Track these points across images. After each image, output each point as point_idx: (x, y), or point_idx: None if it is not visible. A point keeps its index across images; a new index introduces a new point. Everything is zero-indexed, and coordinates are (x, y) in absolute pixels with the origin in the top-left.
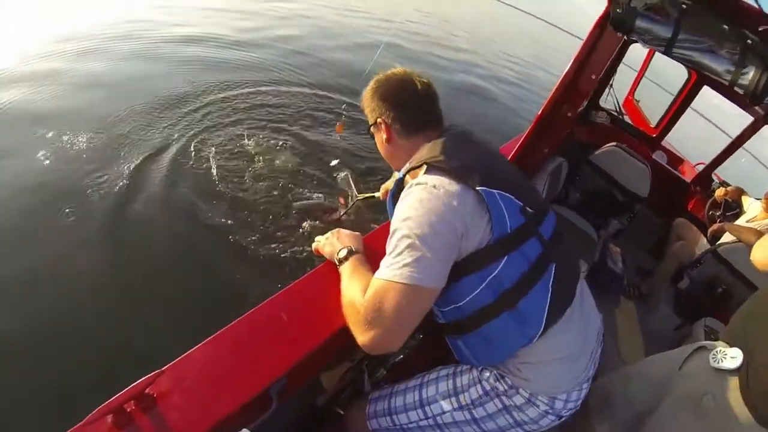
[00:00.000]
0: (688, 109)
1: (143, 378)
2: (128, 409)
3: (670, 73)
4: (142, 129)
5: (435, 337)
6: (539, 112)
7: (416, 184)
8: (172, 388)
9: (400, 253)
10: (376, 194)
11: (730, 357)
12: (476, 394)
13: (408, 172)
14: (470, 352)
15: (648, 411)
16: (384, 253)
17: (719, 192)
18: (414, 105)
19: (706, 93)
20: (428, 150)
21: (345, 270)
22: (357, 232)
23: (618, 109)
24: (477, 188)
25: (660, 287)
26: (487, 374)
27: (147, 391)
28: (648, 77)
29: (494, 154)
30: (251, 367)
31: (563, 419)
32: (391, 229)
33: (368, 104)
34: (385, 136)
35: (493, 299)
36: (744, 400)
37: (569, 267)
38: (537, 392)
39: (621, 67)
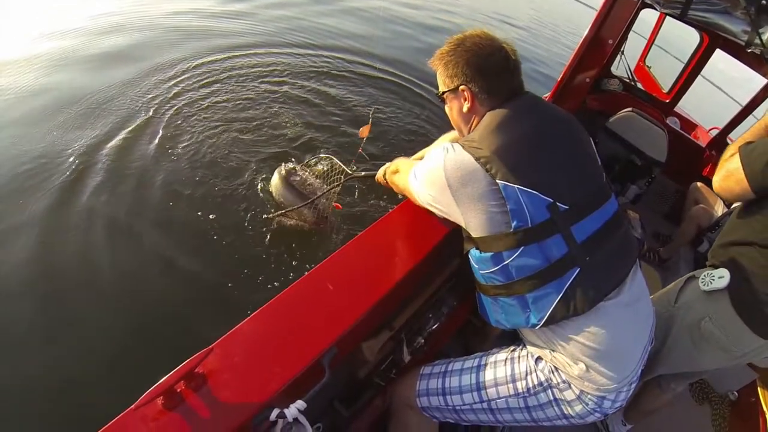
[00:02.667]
0: (699, 77)
1: (192, 357)
2: (179, 390)
3: (679, 40)
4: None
5: (465, 305)
6: (559, 78)
7: (446, 147)
8: (223, 365)
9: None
10: (374, 173)
11: (718, 277)
12: (531, 383)
13: None
14: (487, 311)
15: (656, 350)
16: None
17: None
18: (504, 75)
19: (713, 60)
20: (480, 124)
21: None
22: None
23: (630, 76)
24: (498, 181)
25: (680, 251)
26: (542, 364)
27: (197, 370)
28: (657, 45)
29: (553, 130)
30: (301, 338)
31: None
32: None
33: (450, 68)
34: (468, 105)
35: (503, 282)
36: (739, 315)
37: (606, 272)
38: (587, 390)
39: (630, 35)
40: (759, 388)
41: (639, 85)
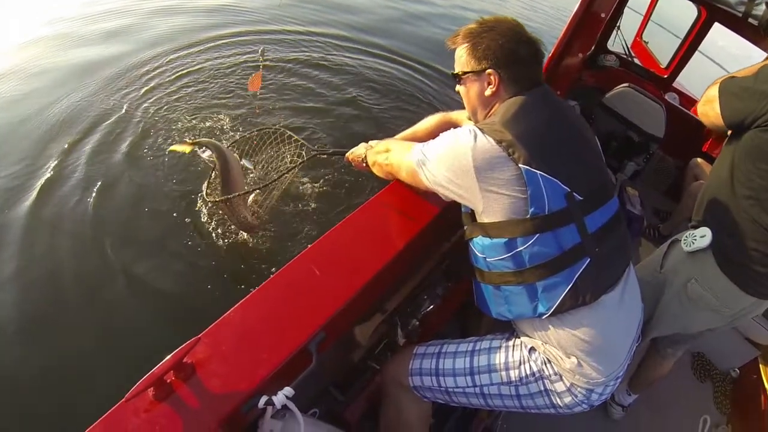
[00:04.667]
0: (697, 53)
1: (180, 347)
2: (168, 380)
3: (677, 14)
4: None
5: (461, 286)
6: (549, 54)
7: (469, 128)
8: (211, 354)
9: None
10: (344, 151)
11: (700, 236)
12: (524, 373)
13: None
14: (487, 301)
15: (648, 316)
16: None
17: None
18: (532, 65)
19: (712, 36)
20: (499, 111)
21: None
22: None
23: (627, 52)
24: (520, 165)
25: (680, 227)
26: (535, 355)
27: (185, 360)
28: (653, 21)
29: (565, 123)
30: (288, 324)
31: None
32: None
33: (480, 50)
34: (492, 90)
35: (513, 270)
36: (724, 273)
37: (610, 266)
38: (577, 383)
39: (626, 12)
40: (761, 365)
41: (636, 61)
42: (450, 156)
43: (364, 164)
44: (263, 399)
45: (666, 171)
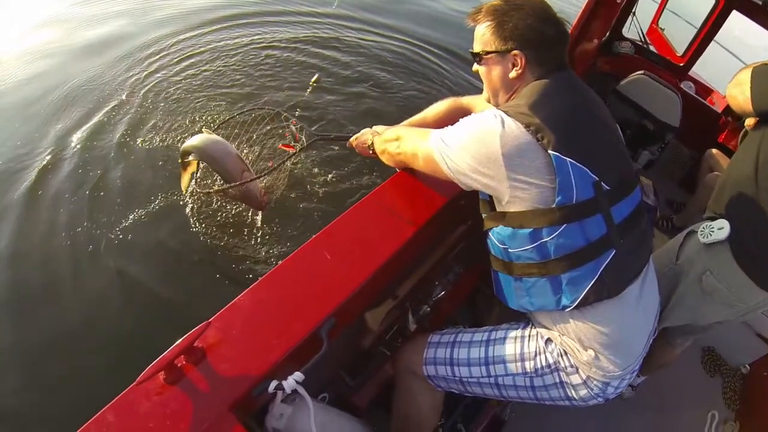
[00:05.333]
0: (717, 44)
1: (191, 331)
2: (179, 364)
3: (692, 2)
4: None
5: (472, 272)
6: None
7: (494, 112)
8: (222, 338)
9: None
10: (347, 136)
11: (718, 228)
12: (539, 365)
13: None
14: (507, 292)
15: (661, 307)
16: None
17: (749, 122)
18: (558, 47)
19: (728, 25)
20: (524, 94)
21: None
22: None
23: (642, 38)
24: (549, 152)
25: (694, 219)
26: (551, 346)
27: (196, 344)
28: (669, 8)
29: (590, 109)
30: (299, 309)
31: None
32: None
33: (506, 29)
34: (518, 71)
35: (537, 261)
36: (741, 267)
37: (633, 258)
38: (593, 376)
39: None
40: None
41: (652, 48)
42: (475, 143)
43: (371, 151)
44: (273, 383)
45: (681, 161)
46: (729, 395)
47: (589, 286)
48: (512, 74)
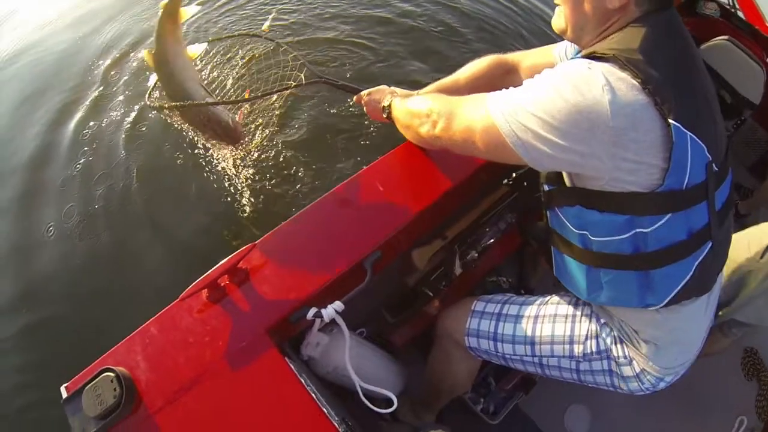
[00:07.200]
0: None
1: (236, 252)
2: (222, 284)
3: None
4: None
5: (525, 222)
6: None
7: (588, 62)
8: (265, 261)
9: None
10: (359, 89)
11: None
12: (589, 349)
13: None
14: (577, 282)
15: (727, 299)
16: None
17: None
18: None
19: None
20: (622, 37)
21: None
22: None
23: (731, 1)
24: (670, 120)
25: (760, 208)
26: (606, 332)
27: (240, 265)
28: None
29: (699, 67)
30: (346, 238)
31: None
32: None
33: None
34: (619, 2)
35: (629, 253)
36: None
37: (723, 250)
38: (649, 370)
39: None
40: None
41: (740, 14)
42: (567, 110)
43: (385, 115)
44: (313, 310)
45: (756, 144)
46: (763, 404)
47: (682, 283)
48: (613, 4)
